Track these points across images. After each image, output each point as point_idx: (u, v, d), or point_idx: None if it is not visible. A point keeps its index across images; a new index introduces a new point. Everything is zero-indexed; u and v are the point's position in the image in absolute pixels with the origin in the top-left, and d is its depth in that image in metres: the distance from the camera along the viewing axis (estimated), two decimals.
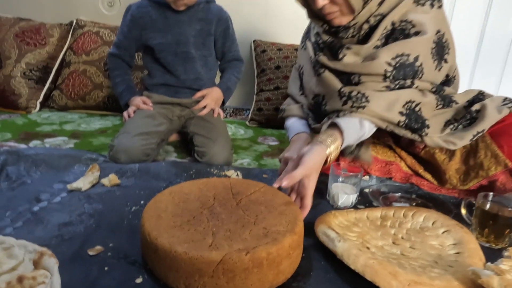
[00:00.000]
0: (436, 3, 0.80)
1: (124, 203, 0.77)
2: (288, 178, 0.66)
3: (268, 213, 0.61)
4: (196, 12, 1.15)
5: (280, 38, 1.81)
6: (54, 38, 1.65)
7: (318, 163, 0.71)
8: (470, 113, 0.84)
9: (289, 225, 0.57)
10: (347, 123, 0.77)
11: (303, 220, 0.61)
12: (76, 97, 1.58)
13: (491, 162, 0.83)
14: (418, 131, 0.80)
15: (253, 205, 0.63)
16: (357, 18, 0.79)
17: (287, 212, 0.61)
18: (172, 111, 1.17)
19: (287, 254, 0.54)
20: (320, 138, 0.75)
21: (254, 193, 0.68)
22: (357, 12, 0.79)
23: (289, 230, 0.56)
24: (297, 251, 0.57)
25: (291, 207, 0.64)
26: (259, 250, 0.51)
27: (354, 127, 0.77)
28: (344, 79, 0.83)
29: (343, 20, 0.80)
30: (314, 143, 0.74)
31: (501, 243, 0.70)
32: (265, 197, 0.66)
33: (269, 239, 0.53)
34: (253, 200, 0.65)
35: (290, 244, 0.54)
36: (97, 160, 0.97)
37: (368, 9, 0.78)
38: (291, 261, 0.56)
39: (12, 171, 0.83)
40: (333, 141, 0.74)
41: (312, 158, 0.70)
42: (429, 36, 0.78)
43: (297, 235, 0.56)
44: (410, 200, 0.90)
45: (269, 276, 0.52)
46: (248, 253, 0.50)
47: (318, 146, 0.73)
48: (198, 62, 1.19)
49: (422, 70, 0.79)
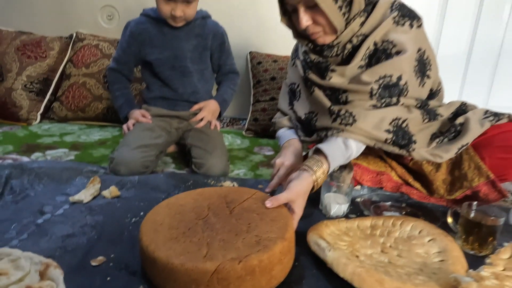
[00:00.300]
0: (415, 23, 0.84)
1: (125, 215, 0.80)
2: (273, 200, 0.69)
3: (260, 220, 0.64)
4: (193, 28, 1.20)
5: (275, 50, 1.86)
6: (54, 51, 1.69)
7: (304, 189, 0.74)
8: (454, 126, 0.88)
9: (280, 231, 0.60)
10: (331, 147, 0.80)
11: (293, 226, 0.64)
12: (76, 109, 1.61)
13: (475, 173, 0.87)
14: (405, 147, 0.83)
15: (246, 213, 0.66)
16: (340, 37, 0.83)
17: (278, 218, 0.64)
18: (170, 124, 1.20)
19: (279, 260, 0.57)
20: (307, 164, 0.78)
21: (247, 200, 0.70)
22: (339, 32, 0.82)
23: (279, 236, 0.59)
24: (289, 256, 0.60)
25: (283, 213, 0.67)
26: (251, 258, 0.53)
27: (339, 150, 0.80)
28: (332, 98, 0.87)
29: (326, 39, 0.84)
30: (302, 169, 0.77)
31: (484, 251, 0.74)
32: (257, 204, 0.69)
33: (261, 246, 0.56)
34: (245, 207, 0.68)
35: (281, 250, 0.57)
36: (98, 172, 1.00)
37: (351, 29, 0.82)
38: (283, 266, 0.59)
39: (16, 184, 0.86)
40: (319, 167, 0.77)
41: (298, 184, 0.73)
42: (410, 55, 0.81)
43: (288, 241, 0.59)
44: (400, 208, 0.93)
45: (262, 282, 0.55)
46: (240, 262, 0.53)
47: (305, 173, 0.76)
48: (195, 75, 1.22)
49: (406, 88, 0.83)
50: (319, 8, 0.77)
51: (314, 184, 0.77)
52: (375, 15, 0.83)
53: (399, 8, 0.83)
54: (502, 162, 0.86)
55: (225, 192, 0.74)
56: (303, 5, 0.79)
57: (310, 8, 0.79)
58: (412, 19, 0.83)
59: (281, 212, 0.67)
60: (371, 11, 0.84)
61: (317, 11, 0.79)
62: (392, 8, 0.84)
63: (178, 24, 1.15)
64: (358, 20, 0.82)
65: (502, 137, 0.86)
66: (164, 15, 1.11)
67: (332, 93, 0.87)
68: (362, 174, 1.00)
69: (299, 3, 0.79)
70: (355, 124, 0.80)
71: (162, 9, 1.09)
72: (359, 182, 1.01)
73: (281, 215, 0.66)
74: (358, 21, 0.82)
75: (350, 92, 0.83)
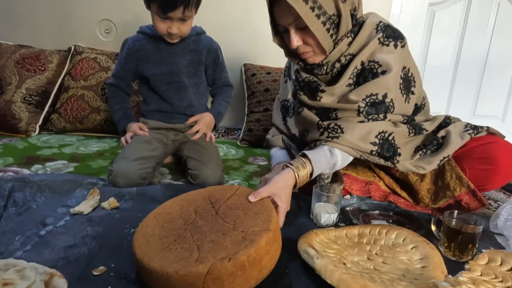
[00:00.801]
0: (399, 43, 0.89)
1: (124, 226, 0.83)
2: (255, 193, 0.72)
3: (245, 215, 0.67)
4: (188, 44, 1.25)
5: (269, 62, 1.91)
6: (53, 64, 1.73)
7: (284, 183, 0.79)
8: (436, 139, 0.93)
9: (264, 224, 0.64)
10: (317, 153, 0.85)
11: (276, 216, 0.68)
12: (74, 120, 1.65)
13: (456, 183, 0.92)
14: (390, 158, 0.88)
15: (231, 210, 0.70)
16: (329, 57, 0.89)
17: (261, 211, 0.68)
18: (166, 136, 1.24)
19: (266, 251, 0.60)
20: (290, 162, 0.83)
21: (230, 198, 0.74)
22: (328, 52, 0.88)
23: (264, 229, 0.62)
24: (275, 245, 0.64)
25: (265, 205, 0.70)
26: (239, 255, 0.57)
27: (324, 156, 0.85)
28: (323, 116, 0.92)
29: (316, 59, 0.90)
30: (285, 166, 0.83)
31: (465, 257, 0.78)
32: (240, 200, 0.73)
33: (247, 241, 0.60)
34: (230, 205, 0.71)
35: (267, 242, 0.60)
36: (97, 184, 1.03)
37: (339, 49, 0.88)
38: (271, 256, 0.62)
39: (19, 197, 0.89)
40: (303, 167, 0.82)
41: (280, 179, 0.79)
42: (395, 74, 0.87)
43: (272, 231, 0.63)
44: (388, 217, 0.98)
45: (253, 273, 0.59)
46: (230, 260, 0.56)
47: (287, 169, 0.82)
48: (190, 89, 1.27)
49: (392, 105, 0.88)
50: (309, 30, 0.82)
51: (296, 181, 0.81)
52: (361, 35, 0.89)
53: (384, 30, 0.89)
54: (482, 173, 0.91)
55: (209, 193, 0.78)
56: (294, 26, 0.84)
57: (300, 30, 0.84)
58: (396, 40, 0.88)
59: (263, 204, 0.70)
60: (358, 31, 0.89)
61: (307, 33, 0.84)
62: (377, 29, 0.89)
63: (174, 40, 1.19)
64: (346, 40, 0.88)
65: (481, 149, 0.91)
66: (161, 32, 1.15)
67: (323, 112, 0.93)
68: (352, 184, 1.05)
69: (290, 25, 0.84)
70: (343, 136, 0.85)
71: (158, 27, 1.14)
72: (349, 191, 1.05)
73: (264, 207, 0.69)
74: (346, 41, 0.88)
75: (340, 110, 0.89)
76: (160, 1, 1.06)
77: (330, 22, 0.84)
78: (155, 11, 1.10)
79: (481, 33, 2.11)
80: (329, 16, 0.83)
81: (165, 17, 1.11)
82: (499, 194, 1.28)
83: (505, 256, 0.71)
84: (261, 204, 0.71)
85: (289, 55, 0.95)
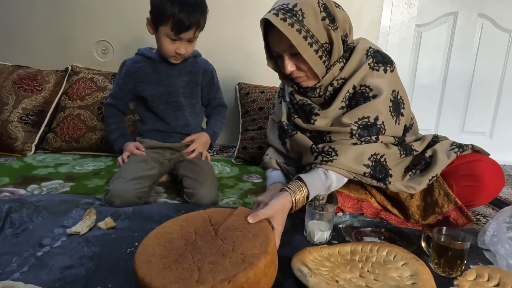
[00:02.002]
0: (389, 68, 0.93)
1: (120, 245, 0.84)
2: (254, 215, 0.75)
3: (244, 237, 0.69)
4: (185, 66, 1.29)
5: (262, 81, 1.96)
6: (50, 84, 1.75)
7: (282, 206, 0.82)
8: (424, 159, 0.97)
9: (262, 246, 0.66)
10: (311, 176, 0.88)
11: (274, 238, 0.70)
12: (70, 140, 1.66)
13: (444, 200, 0.95)
14: (382, 180, 0.92)
15: (230, 231, 0.71)
16: (322, 81, 0.93)
17: (259, 233, 0.70)
18: (163, 155, 1.27)
19: (264, 273, 0.62)
20: (288, 186, 0.86)
21: (230, 218, 0.76)
22: (321, 77, 0.92)
23: (262, 252, 0.64)
24: (272, 267, 0.66)
25: (263, 227, 0.72)
26: (239, 277, 0.59)
27: (319, 179, 0.88)
28: (318, 139, 0.95)
29: (309, 83, 0.94)
30: (282, 190, 0.85)
31: (455, 273, 0.80)
32: (239, 221, 0.75)
33: (246, 264, 0.61)
34: (229, 226, 0.73)
35: (265, 264, 0.62)
36: (94, 204, 1.04)
37: (331, 73, 0.92)
38: (268, 278, 0.64)
39: (16, 218, 0.90)
40: (299, 191, 0.85)
41: (278, 202, 0.81)
42: (386, 97, 0.90)
43: (270, 254, 0.65)
44: (380, 234, 1.00)
45: None
46: (230, 282, 0.58)
47: (285, 192, 0.84)
48: (186, 109, 1.30)
49: (384, 127, 0.91)
50: (302, 56, 0.86)
51: (292, 204, 0.84)
52: (352, 60, 0.93)
53: (374, 55, 0.93)
54: (468, 189, 0.94)
55: (209, 215, 0.80)
56: (287, 53, 0.88)
57: (294, 56, 0.89)
58: (385, 65, 0.93)
59: (262, 226, 0.73)
60: (349, 57, 0.94)
61: (300, 59, 0.88)
62: (367, 55, 0.93)
63: (178, 61, 1.24)
64: (338, 65, 0.92)
65: (466, 167, 0.95)
66: (168, 53, 1.19)
67: (317, 135, 0.96)
68: (344, 201, 1.08)
69: (284, 52, 0.89)
70: (337, 159, 0.88)
71: (167, 48, 1.17)
72: (341, 209, 1.08)
73: (262, 229, 0.71)
74: (338, 66, 0.92)
75: (333, 133, 0.92)
76: (174, 23, 1.11)
77: (322, 49, 0.88)
78: (165, 33, 1.14)
79: (466, 53, 2.20)
80: (321, 44, 0.87)
81: (175, 39, 1.15)
82: (488, 210, 1.31)
83: (491, 271, 0.74)
84: (260, 226, 0.73)
85: (283, 78, 1.00)
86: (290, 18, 0.83)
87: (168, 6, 1.09)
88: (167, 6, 1.09)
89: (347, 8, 0.99)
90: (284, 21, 0.83)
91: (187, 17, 1.10)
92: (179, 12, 1.09)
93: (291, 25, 0.83)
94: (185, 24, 1.11)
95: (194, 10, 1.12)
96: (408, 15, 2.14)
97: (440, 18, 2.16)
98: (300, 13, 0.84)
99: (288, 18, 0.83)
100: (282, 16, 0.83)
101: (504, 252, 0.81)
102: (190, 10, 1.11)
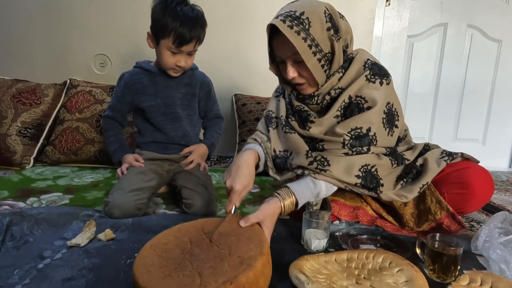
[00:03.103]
0: (385, 81, 0.95)
1: (120, 257, 0.85)
2: (245, 219, 0.78)
3: (238, 241, 0.72)
4: (182, 78, 1.32)
5: (259, 92, 2.00)
6: (48, 97, 1.77)
7: (272, 213, 0.85)
8: (415, 167, 0.99)
9: (257, 248, 0.69)
10: (299, 184, 0.91)
11: (267, 240, 0.74)
12: (69, 152, 1.68)
13: (436, 207, 0.97)
14: (373, 189, 0.94)
15: (224, 237, 0.74)
16: (321, 89, 0.96)
17: (253, 236, 0.73)
18: (161, 166, 1.28)
19: (262, 273, 0.65)
20: (278, 192, 0.90)
21: (222, 225, 0.78)
22: (321, 85, 0.95)
23: (258, 253, 0.67)
24: (268, 267, 0.69)
25: (256, 230, 0.76)
26: (239, 278, 0.61)
27: (307, 187, 0.91)
28: (311, 146, 0.98)
29: (309, 90, 0.96)
30: (274, 195, 0.89)
31: (449, 278, 0.82)
32: (231, 226, 0.78)
33: (245, 265, 0.64)
34: (222, 233, 0.76)
35: (262, 264, 0.65)
36: (93, 216, 1.05)
37: (330, 83, 0.95)
38: (266, 276, 0.67)
39: (16, 230, 0.91)
40: (288, 197, 0.88)
41: (268, 207, 0.85)
42: (379, 109, 0.93)
43: (266, 254, 0.68)
44: (376, 241, 1.01)
45: None
46: (232, 283, 0.60)
47: (275, 198, 0.88)
48: (184, 121, 1.33)
49: (375, 138, 0.94)
50: (305, 64, 0.88)
51: (281, 210, 0.87)
52: (351, 71, 0.96)
53: (371, 67, 0.96)
54: (459, 197, 0.96)
55: (201, 224, 0.82)
56: (291, 60, 0.91)
57: (297, 63, 0.91)
58: (382, 77, 0.95)
59: (254, 230, 0.76)
60: (348, 67, 0.97)
61: (302, 67, 0.90)
62: (365, 66, 0.96)
63: (177, 74, 1.27)
64: (337, 75, 0.95)
65: (456, 175, 0.97)
66: (169, 66, 1.22)
67: (311, 141, 0.98)
68: (340, 210, 1.09)
69: (288, 58, 0.91)
70: (329, 170, 0.90)
71: (168, 61, 1.20)
72: (338, 217, 1.09)
73: (255, 232, 0.75)
74: (337, 76, 0.95)
75: (326, 142, 0.95)
76: (176, 36, 1.15)
77: (325, 59, 0.90)
78: (167, 46, 1.17)
79: (457, 62, 2.25)
80: (324, 54, 0.90)
81: (176, 52, 1.19)
82: (481, 216, 1.34)
83: (484, 276, 0.76)
84: (252, 229, 0.76)
85: (283, 83, 1.02)
86: (297, 25, 0.85)
87: (170, 21, 1.13)
88: (169, 21, 1.14)
89: None
90: (291, 28, 0.85)
91: (188, 31, 1.15)
92: (181, 26, 1.14)
93: (297, 32, 0.85)
94: (186, 37, 1.15)
95: (195, 25, 1.16)
96: (399, 26, 2.20)
97: (430, 29, 2.22)
98: (307, 21, 0.86)
99: (295, 26, 0.85)
100: (289, 23, 0.85)
101: (496, 257, 0.83)
102: (191, 25, 1.15)
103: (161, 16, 1.15)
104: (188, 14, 1.16)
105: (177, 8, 1.15)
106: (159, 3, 1.18)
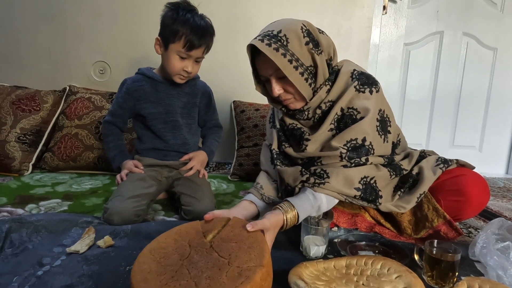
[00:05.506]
0: (374, 89, 0.97)
1: (119, 264, 0.85)
2: (252, 224, 0.77)
3: (239, 249, 0.70)
4: (184, 87, 1.33)
5: (257, 99, 2.00)
6: (48, 104, 1.78)
7: (275, 225, 0.85)
8: (412, 176, 1.00)
9: (257, 259, 0.67)
10: (299, 198, 0.91)
11: (269, 250, 0.72)
12: (68, 159, 1.68)
13: (433, 214, 0.98)
14: (372, 202, 0.94)
15: (225, 243, 0.73)
16: (310, 103, 0.97)
17: (254, 244, 0.71)
18: (160, 173, 1.29)
19: (260, 286, 0.63)
20: (281, 205, 0.89)
21: (224, 229, 0.77)
22: (308, 99, 0.96)
23: (258, 264, 0.66)
24: (268, 279, 0.67)
25: (258, 238, 0.74)
26: None
27: (307, 201, 0.91)
28: (309, 164, 0.98)
29: (297, 105, 0.97)
30: (277, 207, 0.89)
31: (447, 284, 0.82)
32: (234, 231, 0.76)
33: (243, 278, 0.62)
34: (224, 237, 0.74)
35: (261, 277, 0.64)
36: (92, 222, 1.06)
37: (318, 96, 0.96)
38: None
39: (16, 237, 0.91)
40: (290, 210, 0.88)
41: (273, 217, 0.85)
42: (372, 117, 0.94)
43: (266, 266, 0.66)
44: (374, 247, 1.02)
45: None
46: None
47: (278, 210, 0.87)
48: (184, 129, 1.34)
49: (372, 147, 0.94)
50: (289, 79, 0.90)
51: (284, 223, 0.87)
52: (338, 83, 0.97)
53: (359, 77, 0.97)
54: (455, 204, 0.97)
55: (201, 225, 0.81)
56: (274, 77, 0.93)
57: (280, 79, 0.93)
58: (371, 86, 0.97)
59: (256, 238, 0.74)
60: (334, 80, 0.98)
61: (286, 82, 0.92)
62: (352, 77, 0.97)
63: (183, 81, 1.28)
64: (324, 88, 0.96)
65: (452, 182, 0.98)
66: (176, 71, 1.23)
67: (308, 161, 0.99)
68: (339, 217, 1.10)
69: (271, 75, 0.93)
70: (328, 182, 0.91)
71: (175, 66, 1.21)
72: (336, 224, 1.10)
73: (257, 241, 0.73)
74: (324, 89, 0.96)
75: (324, 157, 0.95)
76: (186, 40, 1.17)
77: (307, 72, 0.92)
78: (176, 50, 1.19)
79: (453, 69, 2.28)
80: (306, 67, 0.91)
81: (185, 56, 1.20)
82: (479, 222, 1.34)
83: (482, 282, 0.76)
84: (254, 237, 0.74)
85: (272, 101, 1.03)
86: (275, 43, 0.87)
87: (181, 26, 1.16)
88: (180, 26, 1.16)
89: (337, 28, 1.04)
90: (269, 46, 0.87)
91: (198, 37, 1.18)
92: (191, 32, 1.17)
93: (276, 49, 0.87)
94: (196, 42, 1.18)
95: (205, 32, 1.20)
96: (396, 35, 2.23)
97: (427, 37, 2.25)
98: (285, 38, 0.88)
99: (273, 44, 0.87)
100: (267, 41, 0.87)
101: (493, 263, 0.84)
102: (202, 32, 1.19)
103: (172, 21, 1.17)
104: (199, 22, 1.19)
105: (188, 15, 1.18)
106: (170, 10, 1.20)
